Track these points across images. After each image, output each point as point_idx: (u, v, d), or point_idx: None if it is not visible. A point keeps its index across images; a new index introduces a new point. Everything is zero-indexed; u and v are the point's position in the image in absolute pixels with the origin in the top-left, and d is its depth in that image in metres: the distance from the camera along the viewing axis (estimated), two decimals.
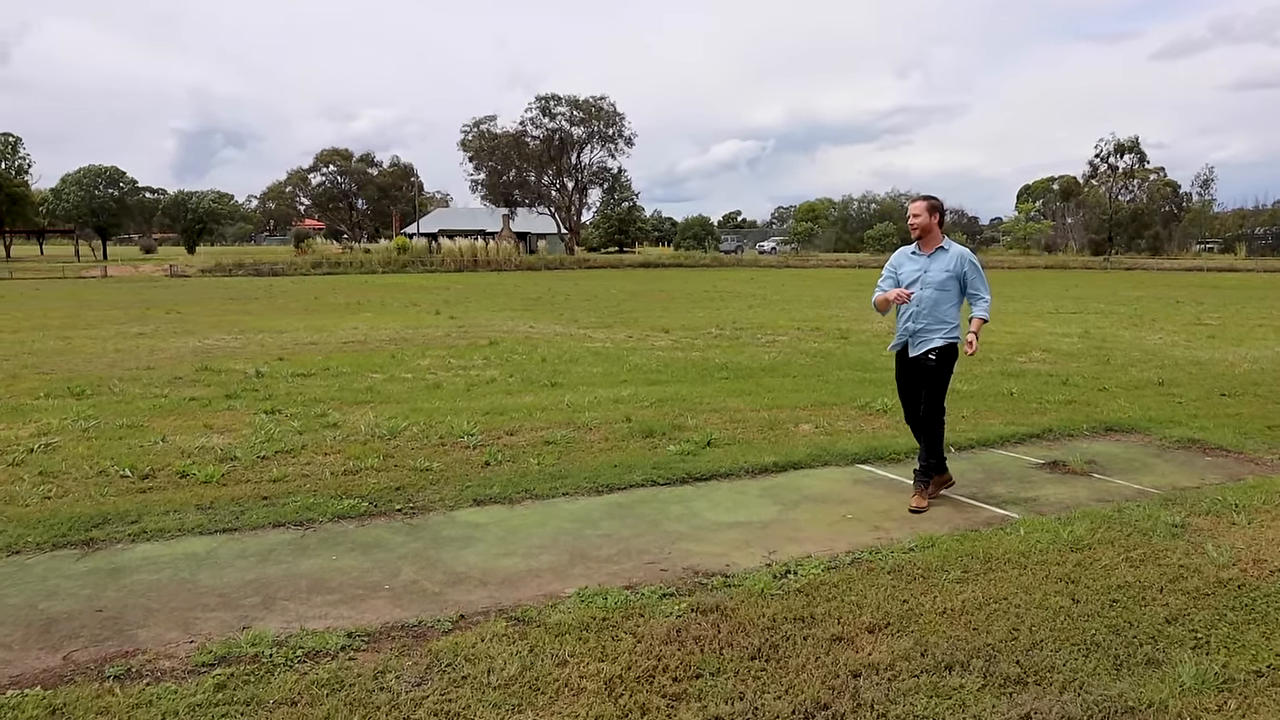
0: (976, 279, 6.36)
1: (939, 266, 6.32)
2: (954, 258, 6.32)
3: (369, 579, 5.01)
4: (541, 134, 76.79)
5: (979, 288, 6.36)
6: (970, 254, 6.38)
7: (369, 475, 7.01)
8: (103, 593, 4.90)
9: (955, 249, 6.37)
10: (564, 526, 5.86)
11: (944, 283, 6.28)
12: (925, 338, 6.30)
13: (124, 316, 23.28)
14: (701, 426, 8.59)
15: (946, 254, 6.35)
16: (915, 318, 6.34)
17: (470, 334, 18.10)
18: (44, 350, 15.79)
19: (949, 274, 6.28)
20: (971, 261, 6.35)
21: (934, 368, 6.28)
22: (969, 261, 6.34)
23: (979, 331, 6.30)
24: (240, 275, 50.72)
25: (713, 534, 5.67)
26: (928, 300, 6.29)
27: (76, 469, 7.27)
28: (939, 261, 6.33)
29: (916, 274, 6.37)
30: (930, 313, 6.28)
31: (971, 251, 6.43)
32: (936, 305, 6.27)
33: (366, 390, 10.86)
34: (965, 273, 6.31)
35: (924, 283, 6.32)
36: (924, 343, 6.30)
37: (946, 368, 6.31)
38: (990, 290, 6.43)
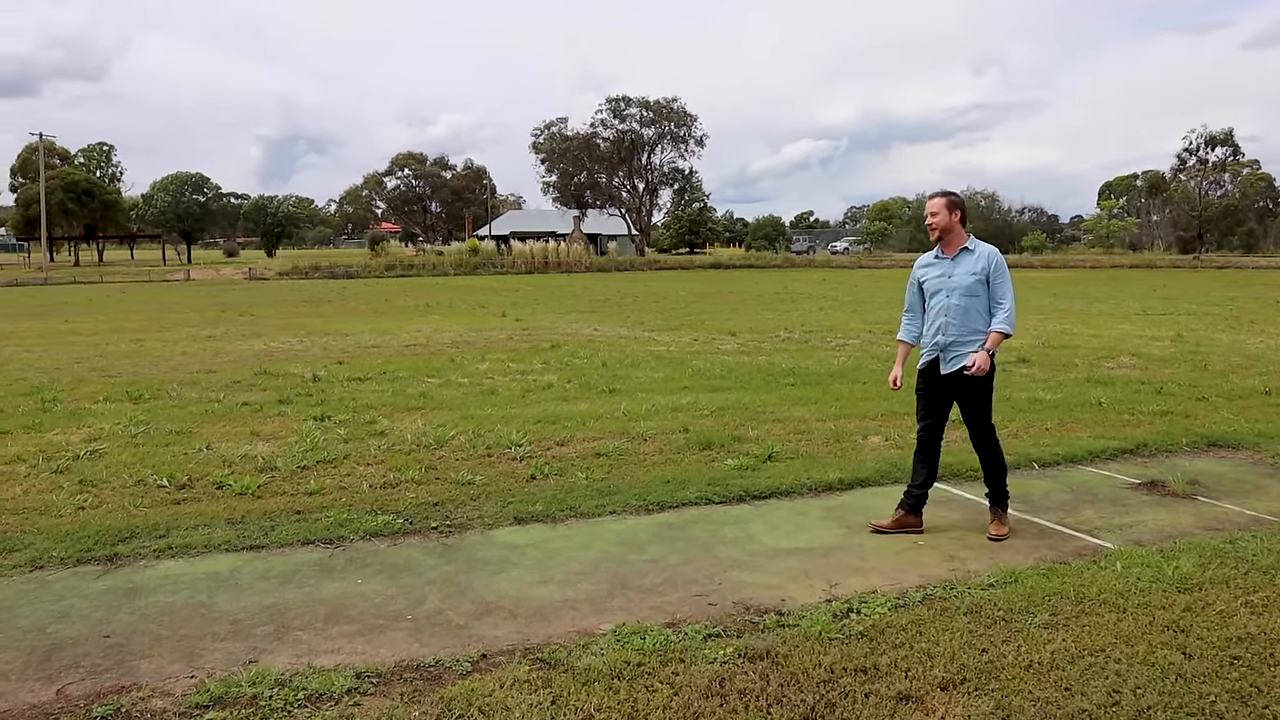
0: (1001, 282, 5.60)
1: (964, 270, 5.60)
2: (980, 258, 5.61)
3: (391, 607, 4.63)
4: (612, 135, 76.60)
5: (1002, 293, 5.58)
6: (997, 253, 5.68)
7: (408, 489, 6.66)
8: (115, 615, 4.61)
9: (982, 248, 5.66)
10: (608, 550, 5.42)
11: (972, 287, 5.57)
12: (958, 352, 5.59)
13: (198, 319, 23.55)
14: (763, 438, 8.08)
15: (972, 255, 5.63)
16: (944, 330, 5.64)
17: (533, 337, 17.81)
18: (115, 353, 15.91)
19: (976, 277, 5.57)
20: (999, 261, 5.64)
21: (973, 383, 5.59)
22: (996, 261, 5.62)
23: (995, 348, 5.53)
24: (316, 278, 51.46)
25: (769, 561, 5.17)
26: (956, 310, 5.59)
27: (116, 478, 7.06)
28: (964, 264, 5.62)
29: (940, 281, 5.69)
30: (962, 323, 5.58)
31: (1000, 252, 5.73)
32: (967, 314, 5.57)
33: (420, 396, 10.58)
34: (991, 274, 5.59)
35: (950, 289, 5.62)
36: (958, 358, 5.59)
37: (987, 382, 5.64)
38: (1015, 298, 5.63)
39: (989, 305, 5.59)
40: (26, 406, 10.23)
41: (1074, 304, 25.78)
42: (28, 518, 6.15)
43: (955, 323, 5.58)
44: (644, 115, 76.48)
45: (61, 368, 13.88)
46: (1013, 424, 8.59)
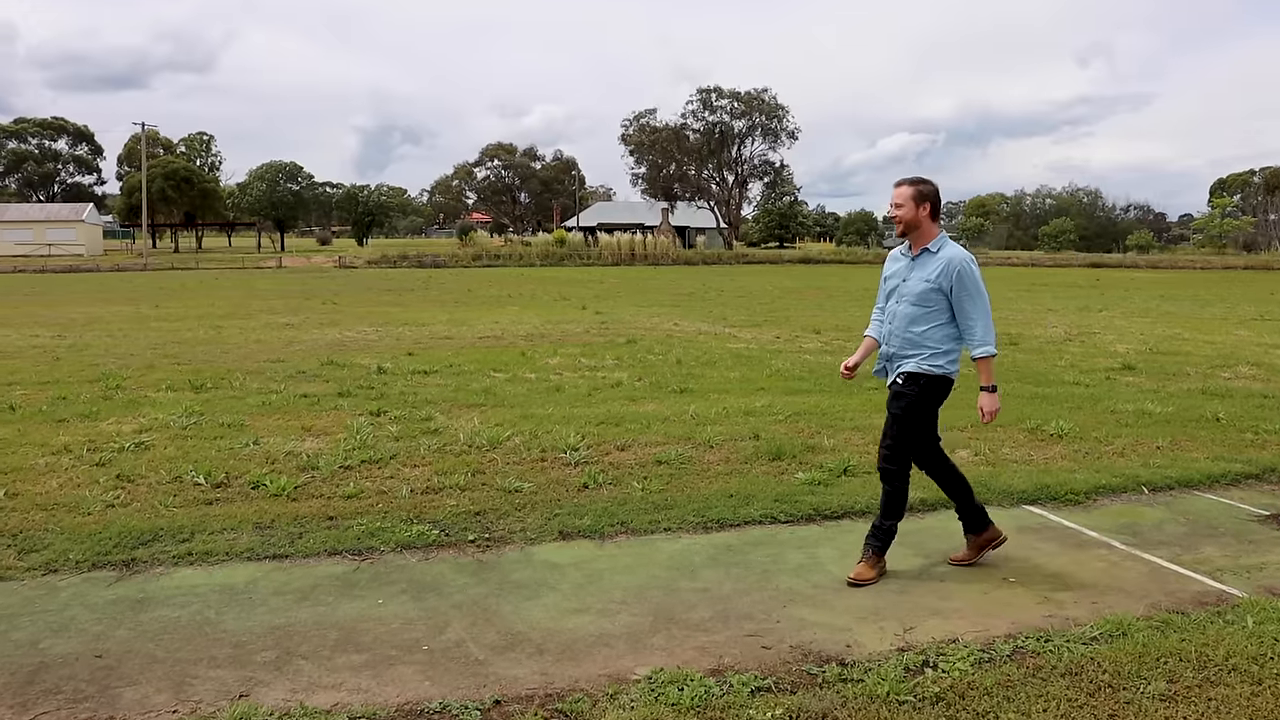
0: (966, 300, 4.67)
1: (920, 274, 4.77)
2: (939, 264, 4.71)
3: (408, 635, 4.16)
4: (702, 127, 75.76)
5: (970, 313, 4.68)
6: (965, 260, 4.71)
7: (450, 495, 6.22)
8: (114, 631, 4.24)
9: (945, 252, 4.75)
10: (656, 575, 4.88)
11: (924, 296, 4.73)
12: (900, 360, 4.84)
13: (282, 306, 23.70)
14: (839, 448, 7.44)
15: (934, 258, 4.74)
16: (889, 338, 4.89)
17: (610, 331, 17.34)
18: (191, 339, 15.95)
19: (930, 285, 4.70)
20: (961, 273, 4.65)
21: (897, 394, 4.79)
22: (957, 272, 4.65)
23: (989, 380, 4.75)
24: (403, 267, 51.98)
25: (835, 596, 4.57)
26: (902, 318, 4.79)
27: (154, 473, 6.78)
28: (922, 267, 4.79)
29: (895, 282, 4.91)
30: (904, 334, 4.79)
31: (970, 258, 4.77)
32: (912, 325, 4.76)
33: (482, 392, 10.17)
34: (952, 288, 4.66)
35: (901, 294, 4.84)
36: (897, 368, 4.86)
37: (912, 402, 4.74)
38: (988, 314, 4.74)
39: (944, 318, 4.73)
40: (89, 394, 10.13)
41: (1183, 307, 24.31)
42: (54, 514, 5.88)
43: (898, 333, 4.81)
44: (734, 107, 75.47)
45: (135, 354, 13.90)
46: (1118, 440, 7.78)
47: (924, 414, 4.82)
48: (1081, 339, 16.04)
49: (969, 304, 4.68)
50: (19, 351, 14.31)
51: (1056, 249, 75.76)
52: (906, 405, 4.76)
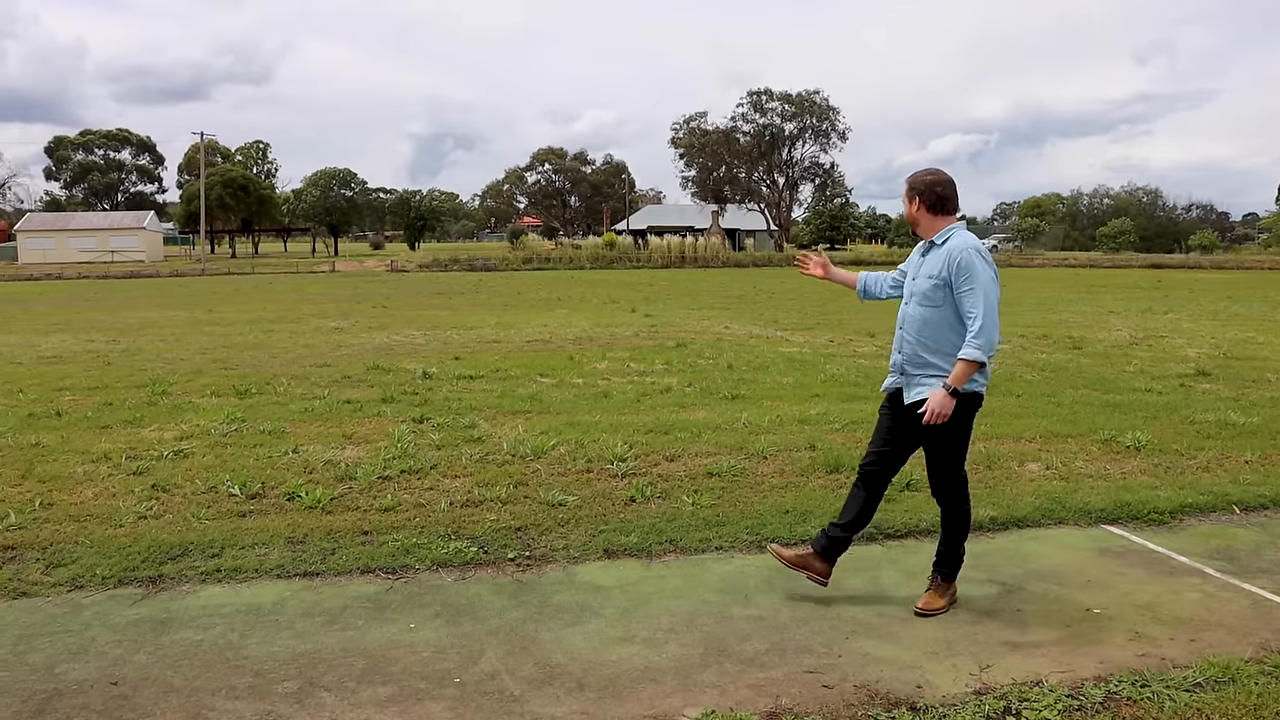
0: (967, 289, 4.14)
1: (927, 270, 4.32)
2: (943, 257, 4.23)
3: (440, 664, 3.88)
4: (752, 130, 75.20)
5: (970, 304, 4.14)
6: (968, 249, 4.20)
7: (490, 509, 5.93)
8: (133, 655, 4.01)
9: (951, 243, 4.26)
10: (707, 599, 4.54)
11: (930, 294, 4.25)
12: (916, 379, 4.34)
13: (333, 310, 23.72)
14: None
15: (939, 251, 4.29)
16: (900, 345, 4.46)
17: (660, 334, 17.02)
18: (241, 344, 15.92)
19: (934, 281, 4.24)
20: (961, 262, 4.15)
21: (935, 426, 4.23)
22: (959, 262, 4.16)
23: (959, 384, 4.11)
24: (454, 270, 52.14)
25: (903, 626, 4.20)
26: (912, 321, 4.35)
27: (190, 483, 6.59)
28: (930, 262, 4.34)
29: (910, 279, 4.51)
30: (916, 340, 4.31)
31: (980, 245, 4.28)
32: (924, 329, 4.28)
33: (528, 399, 9.90)
34: (953, 281, 4.18)
35: (910, 293, 4.41)
36: (918, 387, 4.32)
37: (947, 431, 4.26)
38: (991, 312, 4.13)
39: (959, 318, 4.23)
40: (135, 399, 10.04)
41: (1253, 309, 23.36)
42: (86, 526, 5.70)
43: (910, 338, 4.36)
44: (785, 109, 74.80)
45: (185, 359, 13.87)
46: (1202, 454, 7.28)
47: (962, 436, 4.35)
48: (1149, 343, 15.38)
49: (967, 297, 4.14)
50: (73, 356, 14.37)
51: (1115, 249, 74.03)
52: (942, 435, 4.27)
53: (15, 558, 5.22)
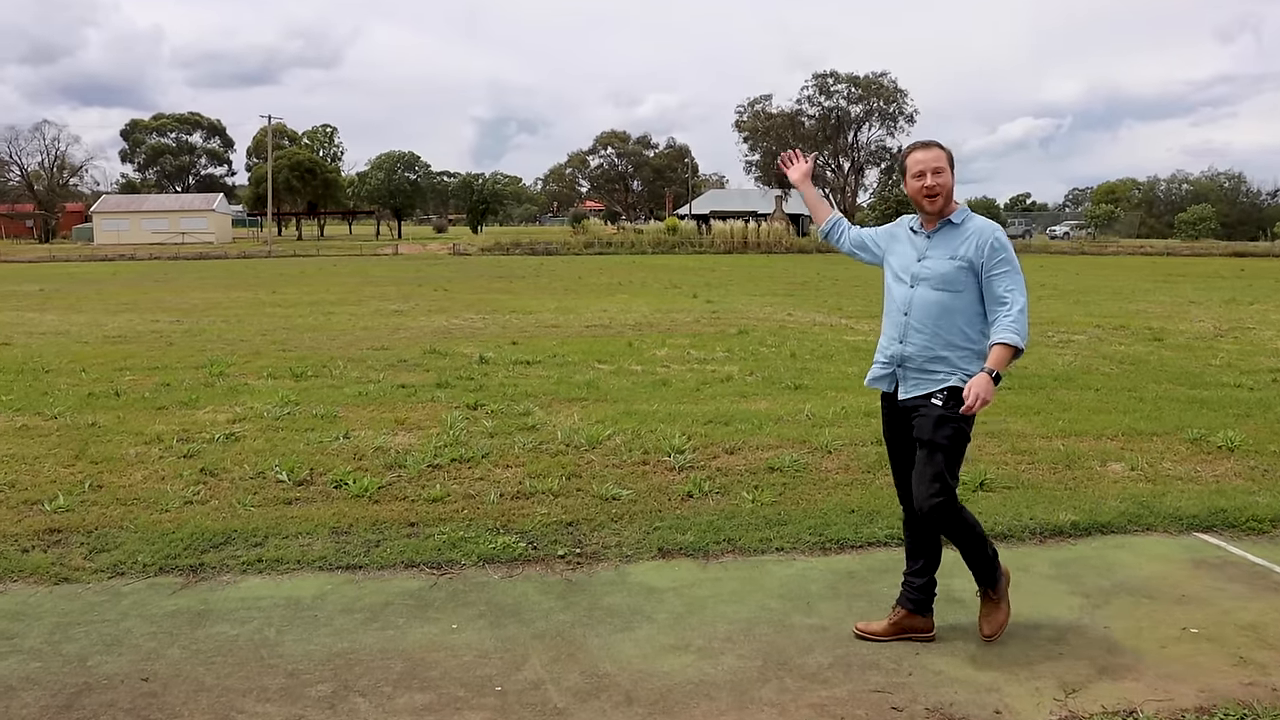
0: (1004, 276, 3.73)
1: (943, 250, 3.82)
2: (970, 237, 3.78)
3: (481, 670, 3.66)
4: (818, 113, 74.19)
5: (1003, 294, 3.72)
6: (998, 230, 3.83)
7: (541, 502, 5.71)
8: (167, 649, 3.87)
9: (974, 223, 3.84)
10: (766, 605, 4.27)
11: (951, 277, 3.78)
12: (924, 372, 3.82)
13: (394, 293, 23.76)
14: (972, 457, 6.64)
15: (957, 231, 3.82)
16: (905, 335, 3.87)
17: (721, 321, 16.70)
18: (301, 326, 15.96)
19: (959, 263, 3.77)
20: (994, 244, 3.75)
21: (936, 422, 3.74)
22: (990, 244, 3.75)
23: (1002, 368, 3.64)
24: (516, 254, 52.20)
25: (977, 642, 3.88)
26: (924, 308, 3.81)
27: (239, 467, 6.48)
28: (944, 242, 3.83)
29: (907, 263, 3.93)
30: (932, 329, 3.79)
31: (1001, 229, 3.87)
32: (942, 317, 3.78)
33: (585, 385, 9.67)
34: (984, 263, 3.74)
35: (919, 276, 3.86)
36: (920, 381, 3.83)
37: (960, 427, 3.76)
38: (1025, 297, 3.75)
39: (979, 307, 3.78)
40: (193, 380, 10.03)
41: None
42: (132, 510, 5.60)
43: (921, 327, 3.81)
44: (851, 91, 73.66)
45: (245, 340, 13.91)
46: None
47: (965, 439, 3.83)
48: (1234, 335, 14.66)
49: (1006, 281, 3.71)
50: (138, 336, 14.51)
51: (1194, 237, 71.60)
52: (955, 432, 3.75)
53: (60, 541, 5.14)
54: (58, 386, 9.66)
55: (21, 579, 4.65)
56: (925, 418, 3.77)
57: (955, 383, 3.74)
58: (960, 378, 3.73)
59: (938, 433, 3.73)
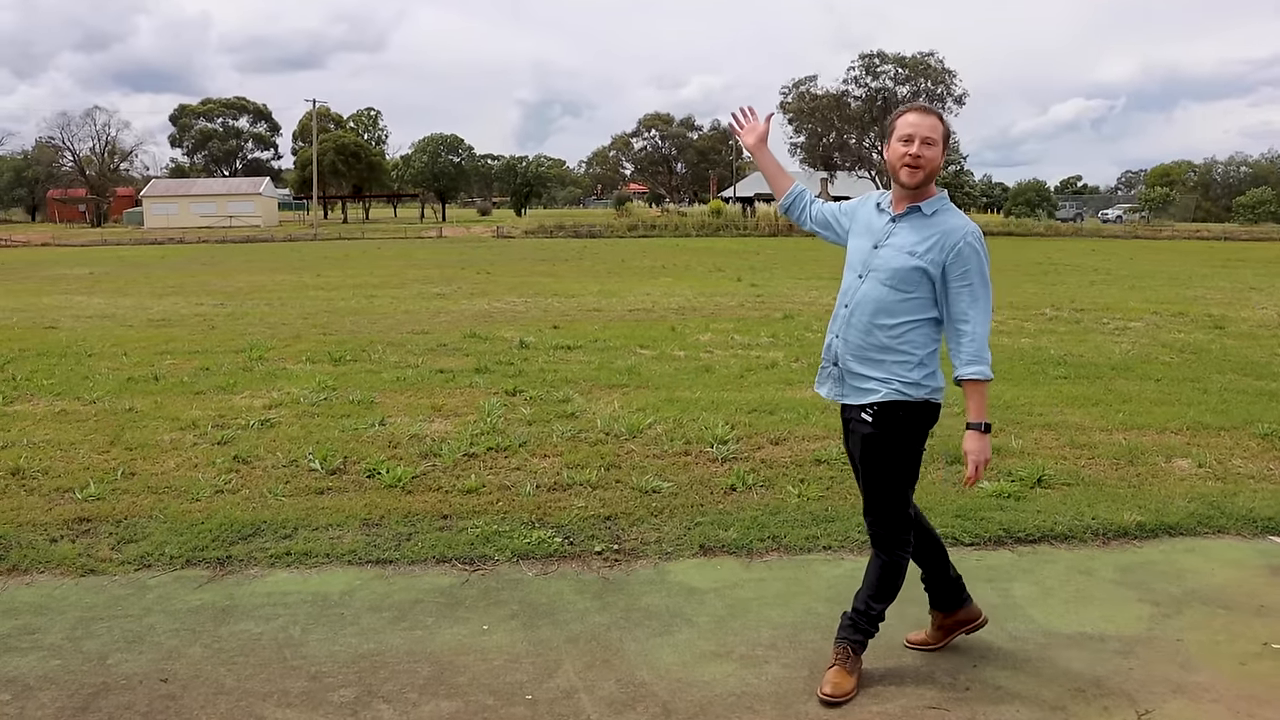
0: (966, 292, 3.20)
1: (902, 242, 3.27)
2: (935, 236, 3.22)
3: (512, 676, 3.47)
4: (864, 94, 72.98)
5: (965, 311, 3.21)
6: (973, 235, 3.23)
7: (578, 494, 5.52)
8: (188, 647, 3.73)
9: (945, 219, 3.27)
10: (813, 609, 4.04)
11: (904, 275, 3.23)
12: (855, 375, 3.33)
13: (437, 276, 23.72)
14: (1030, 451, 6.37)
15: (925, 223, 3.27)
16: (842, 332, 3.37)
17: (766, 305, 16.42)
18: (343, 309, 15.92)
19: (917, 261, 3.21)
20: (963, 250, 3.19)
21: (868, 437, 3.31)
22: (957, 249, 3.19)
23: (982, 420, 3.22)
24: (560, 237, 52.07)
25: (1040, 652, 3.63)
26: (866, 304, 3.29)
27: (272, 455, 6.37)
28: (908, 233, 3.28)
29: (866, 248, 3.38)
30: (868, 326, 3.29)
31: (980, 233, 3.27)
32: (879, 315, 3.27)
33: (626, 371, 9.47)
34: (947, 269, 3.20)
35: (869, 266, 3.32)
36: (855, 389, 3.34)
37: (893, 443, 3.29)
38: (989, 319, 3.28)
39: (929, 310, 3.25)
40: (232, 365, 9.97)
41: None
42: (162, 499, 5.50)
43: (859, 324, 3.30)
44: (898, 72, 72.41)
45: (287, 323, 13.88)
46: None
47: (909, 459, 3.35)
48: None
49: (968, 298, 3.19)
50: (181, 320, 14.55)
51: (1254, 221, 69.65)
52: (882, 456, 3.30)
53: (89, 531, 5.05)
54: (99, 370, 9.64)
55: (49, 570, 4.56)
56: (856, 434, 3.36)
57: (887, 395, 3.24)
58: (894, 389, 3.23)
59: (868, 459, 3.33)
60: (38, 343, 11.77)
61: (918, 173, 3.23)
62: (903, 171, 3.25)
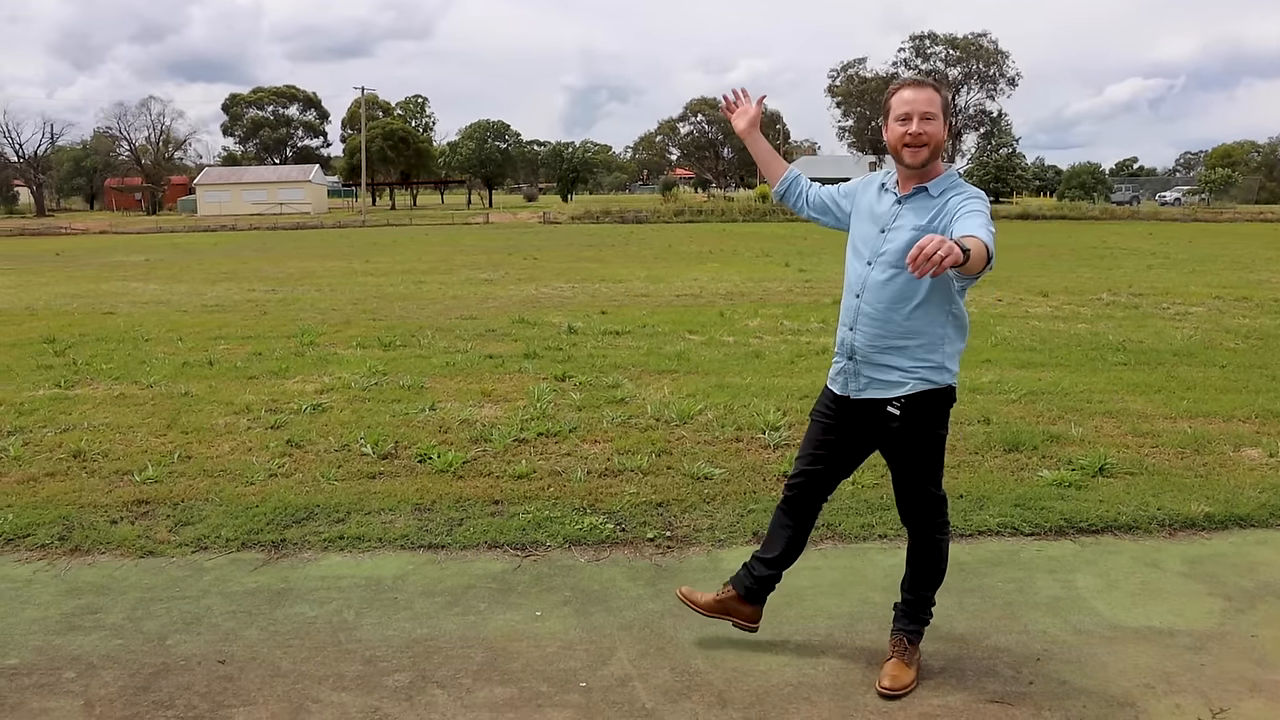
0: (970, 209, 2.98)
1: (911, 222, 3.11)
2: (940, 204, 3.08)
3: (565, 663, 3.45)
4: (914, 76, 72.11)
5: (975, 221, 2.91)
6: (980, 194, 3.10)
7: (630, 480, 5.49)
8: (245, 629, 3.76)
9: (953, 190, 3.11)
10: (869, 599, 3.97)
11: None
12: (876, 367, 3.19)
13: (484, 262, 23.82)
14: (1090, 439, 6.22)
15: (933, 204, 3.10)
16: (857, 321, 3.22)
17: (815, 290, 16.26)
18: (392, 294, 16.04)
19: (923, 235, 2.87)
20: (973, 192, 3.07)
21: (898, 432, 3.20)
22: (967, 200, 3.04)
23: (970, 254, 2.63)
24: (606, 222, 52.08)
25: (1106, 646, 3.53)
26: (879, 290, 3.15)
27: (324, 439, 6.41)
28: (916, 212, 3.12)
29: (872, 233, 3.23)
30: (886, 316, 3.15)
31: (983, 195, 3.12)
32: (898, 302, 3.12)
33: (675, 357, 9.42)
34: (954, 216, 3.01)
35: (877, 250, 3.18)
36: (875, 381, 3.20)
37: (925, 432, 3.20)
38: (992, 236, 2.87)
39: (949, 289, 3.10)
40: (284, 350, 10.07)
41: None
42: (218, 482, 5.56)
43: (875, 313, 3.16)
44: (949, 54, 71.39)
45: (337, 309, 14.01)
46: None
47: (940, 443, 3.26)
48: None
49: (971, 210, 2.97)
50: (234, 305, 14.74)
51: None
52: (916, 447, 3.21)
53: (147, 513, 5.11)
54: (155, 355, 9.79)
55: (109, 551, 4.62)
56: (885, 433, 3.23)
57: (915, 387, 3.14)
58: (920, 378, 3.13)
59: (902, 452, 3.23)
60: (96, 328, 11.99)
61: (921, 151, 3.09)
62: (905, 152, 3.11)
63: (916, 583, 3.38)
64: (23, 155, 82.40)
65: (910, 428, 3.18)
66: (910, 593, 3.38)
